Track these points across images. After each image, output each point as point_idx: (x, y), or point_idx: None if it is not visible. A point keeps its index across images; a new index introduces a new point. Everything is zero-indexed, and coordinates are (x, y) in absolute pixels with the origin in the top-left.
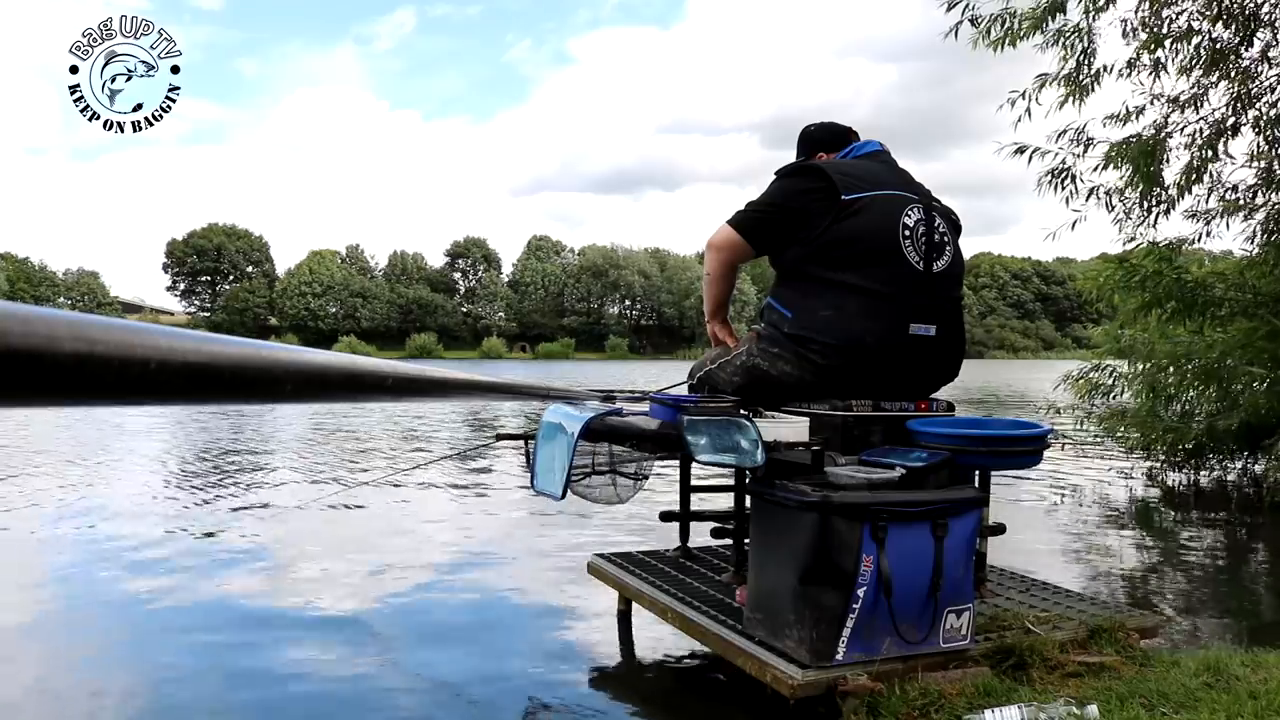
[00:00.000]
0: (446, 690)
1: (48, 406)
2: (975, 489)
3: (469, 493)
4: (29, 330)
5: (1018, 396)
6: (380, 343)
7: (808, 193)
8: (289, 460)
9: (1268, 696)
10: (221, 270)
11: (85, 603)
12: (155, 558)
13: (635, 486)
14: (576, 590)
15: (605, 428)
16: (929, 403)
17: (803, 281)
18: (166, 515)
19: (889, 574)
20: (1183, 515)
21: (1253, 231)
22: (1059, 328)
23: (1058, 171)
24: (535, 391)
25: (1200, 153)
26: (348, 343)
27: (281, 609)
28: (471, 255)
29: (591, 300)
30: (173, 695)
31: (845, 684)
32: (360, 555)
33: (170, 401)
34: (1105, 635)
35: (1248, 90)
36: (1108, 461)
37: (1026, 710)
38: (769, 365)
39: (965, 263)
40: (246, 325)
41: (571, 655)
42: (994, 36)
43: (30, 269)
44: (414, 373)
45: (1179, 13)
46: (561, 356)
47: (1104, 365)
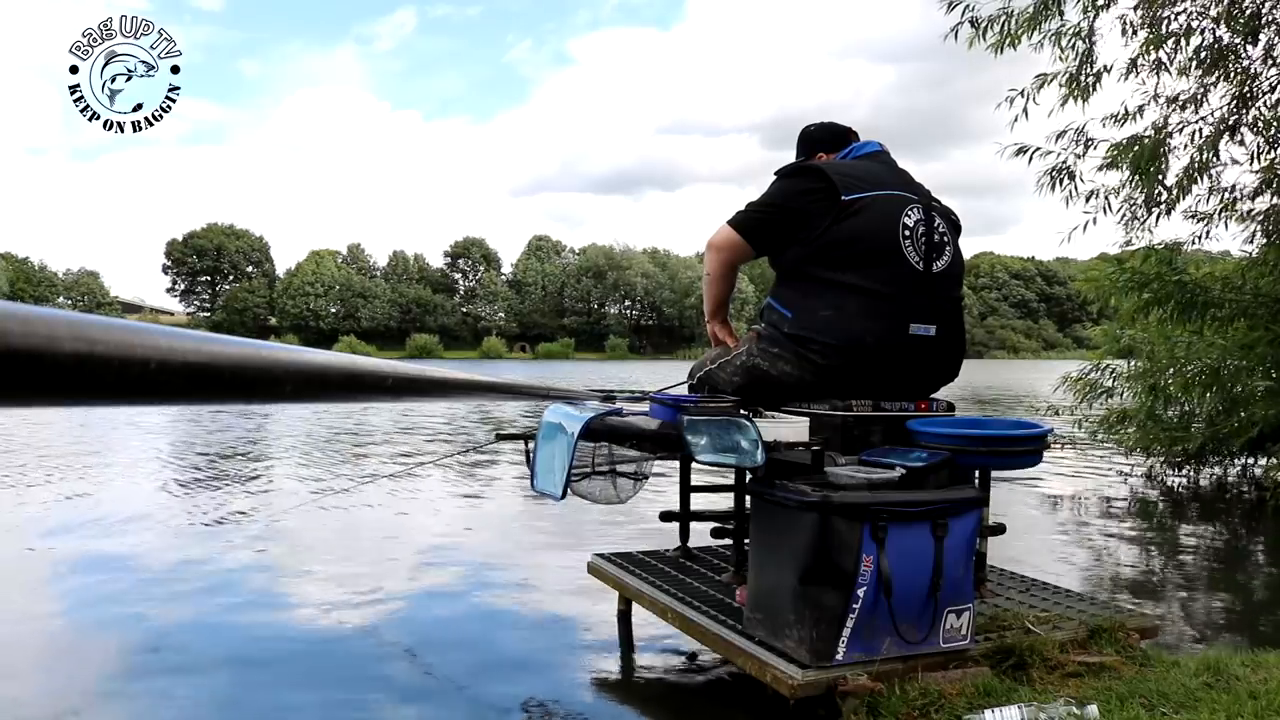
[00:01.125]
0: (446, 690)
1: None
2: (975, 489)
3: (469, 493)
4: (29, 330)
5: (1013, 396)
6: (380, 343)
7: (808, 193)
8: (288, 460)
9: (1268, 696)
10: (221, 270)
11: (85, 603)
12: (155, 558)
13: (635, 486)
14: (576, 590)
15: (605, 428)
16: (929, 403)
17: (803, 282)
18: (166, 515)
19: (889, 574)
20: (1182, 515)
21: (1252, 232)
22: (1060, 328)
23: (1058, 170)
24: (535, 391)
25: (1200, 153)
26: (348, 343)
27: (281, 609)
28: (471, 255)
29: (591, 300)
30: (173, 695)
31: (845, 684)
32: (359, 555)
33: (170, 401)
34: (1105, 635)
35: (1250, 90)
36: (1108, 462)
37: (1026, 710)
38: (769, 365)
39: (965, 263)
40: (246, 325)
41: (571, 655)
42: (992, 39)
43: (30, 269)
44: (414, 373)
45: (1178, 12)
46: (561, 356)
47: (1104, 365)
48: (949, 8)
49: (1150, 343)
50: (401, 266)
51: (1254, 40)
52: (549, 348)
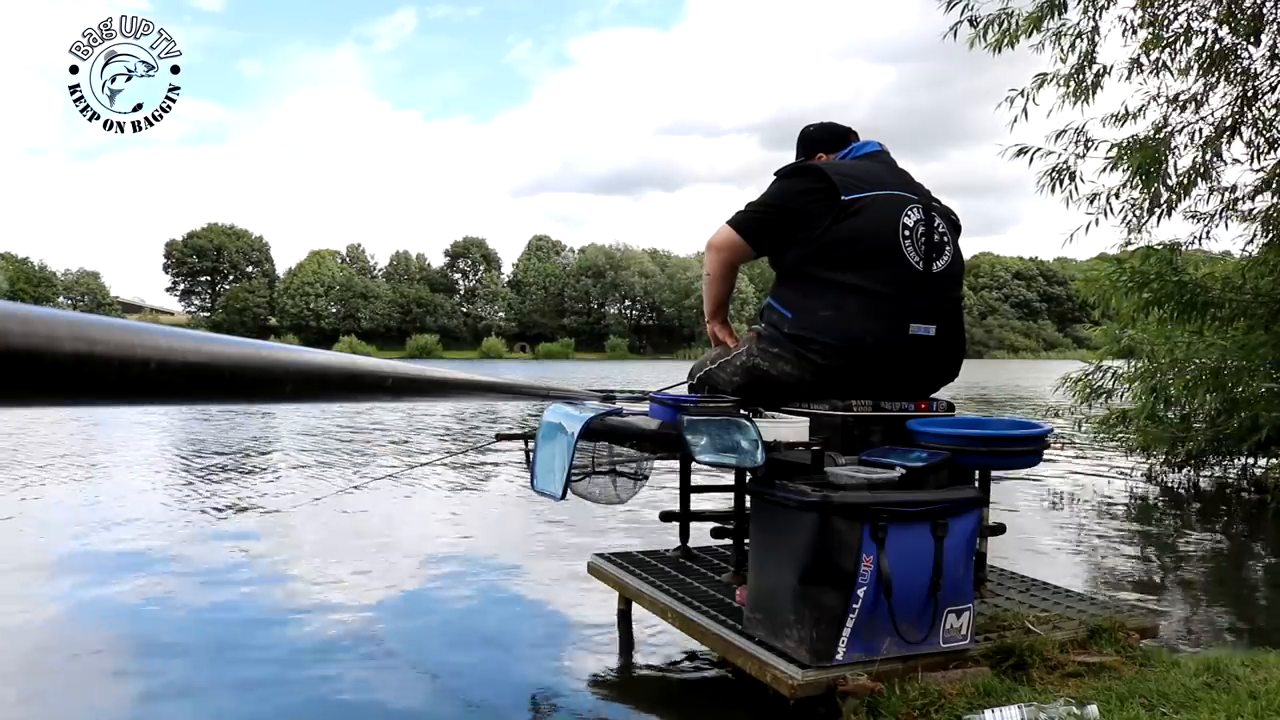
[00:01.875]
0: (446, 690)
1: (48, 406)
2: (975, 489)
3: (469, 493)
4: (29, 330)
5: (1013, 396)
6: (380, 343)
7: (808, 193)
8: (288, 460)
9: (1268, 696)
10: (221, 270)
11: (84, 603)
12: (155, 558)
13: (635, 486)
14: (576, 590)
15: (605, 428)
16: (929, 403)
17: (803, 282)
18: (165, 515)
19: (889, 574)
20: (1182, 516)
21: (1253, 233)
22: (1060, 328)
23: (1059, 171)
24: (535, 391)
25: (1202, 153)
26: (348, 343)
27: (280, 609)
28: (471, 255)
29: (591, 300)
30: (172, 695)
31: (845, 684)
32: (360, 555)
33: (170, 401)
34: (1105, 635)
35: (1252, 90)
36: (1108, 462)
37: (1026, 710)
38: (769, 365)
39: (965, 263)
40: (246, 325)
41: (571, 655)
42: (992, 38)
43: (30, 269)
44: (414, 373)
45: (1178, 12)
46: (561, 356)
47: (1104, 365)
48: (948, 6)
49: (1150, 343)
50: (403, 266)
51: (1255, 42)
52: (549, 348)
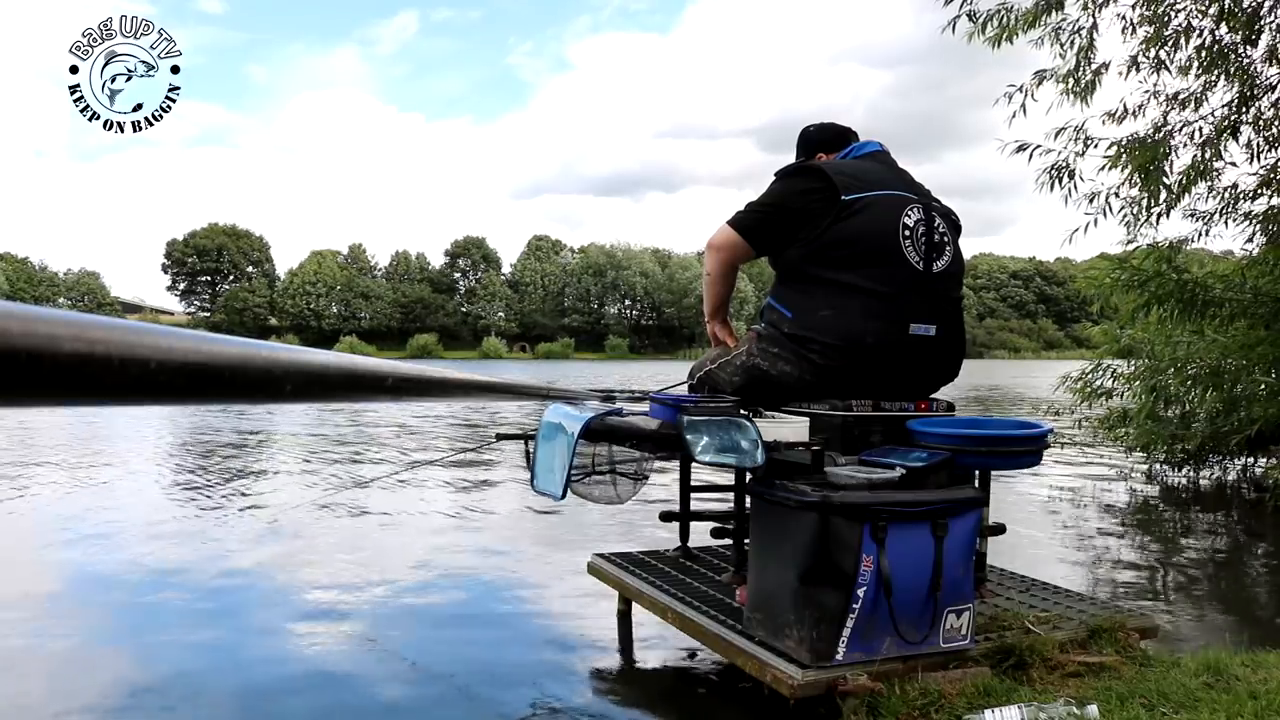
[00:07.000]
0: (446, 690)
1: (48, 406)
2: (975, 489)
3: (469, 493)
4: (29, 330)
5: (1013, 396)
6: (381, 343)
7: (808, 193)
8: (288, 460)
9: (1268, 696)
10: (221, 270)
11: (84, 603)
12: (155, 558)
13: (635, 486)
14: (576, 590)
15: (605, 428)
16: (929, 403)
17: (803, 281)
18: (165, 515)
19: (889, 574)
20: (1182, 515)
21: (1252, 232)
22: (1060, 327)
23: (1058, 169)
24: (535, 391)
25: (1201, 152)
26: (348, 343)
27: (280, 609)
28: (471, 255)
29: (591, 300)
30: (172, 695)
31: (845, 684)
32: (359, 555)
33: (170, 401)
34: (1105, 635)
35: (1252, 90)
36: (1108, 461)
37: (1026, 710)
38: (769, 365)
39: (965, 263)
40: (246, 325)
41: (571, 655)
42: (990, 34)
43: (30, 269)
44: (414, 373)
45: (1177, 10)
46: (561, 356)
47: (1104, 365)
48: (945, 1)
49: (1150, 342)
50: (403, 266)
51: (1254, 42)
52: (549, 348)
